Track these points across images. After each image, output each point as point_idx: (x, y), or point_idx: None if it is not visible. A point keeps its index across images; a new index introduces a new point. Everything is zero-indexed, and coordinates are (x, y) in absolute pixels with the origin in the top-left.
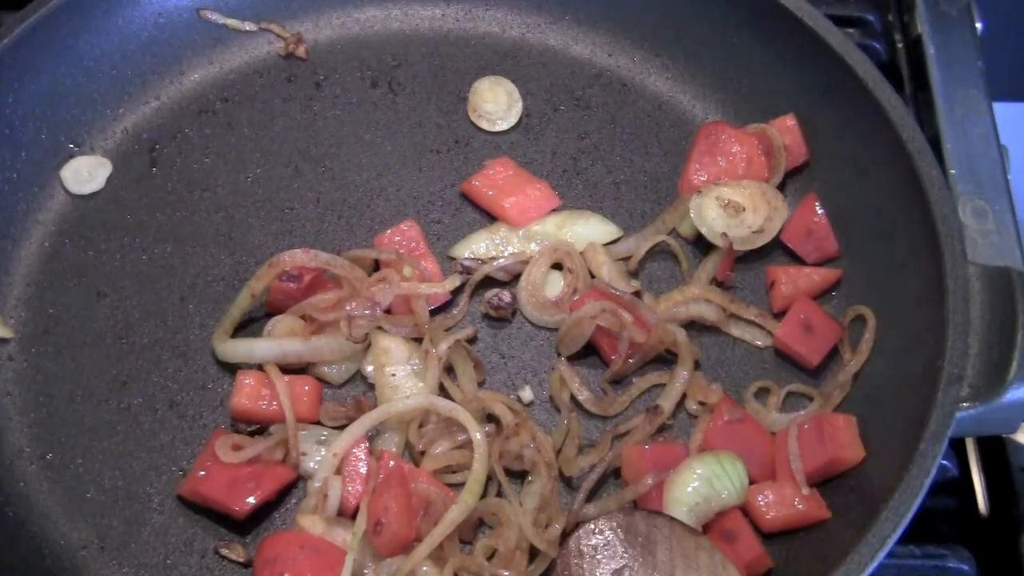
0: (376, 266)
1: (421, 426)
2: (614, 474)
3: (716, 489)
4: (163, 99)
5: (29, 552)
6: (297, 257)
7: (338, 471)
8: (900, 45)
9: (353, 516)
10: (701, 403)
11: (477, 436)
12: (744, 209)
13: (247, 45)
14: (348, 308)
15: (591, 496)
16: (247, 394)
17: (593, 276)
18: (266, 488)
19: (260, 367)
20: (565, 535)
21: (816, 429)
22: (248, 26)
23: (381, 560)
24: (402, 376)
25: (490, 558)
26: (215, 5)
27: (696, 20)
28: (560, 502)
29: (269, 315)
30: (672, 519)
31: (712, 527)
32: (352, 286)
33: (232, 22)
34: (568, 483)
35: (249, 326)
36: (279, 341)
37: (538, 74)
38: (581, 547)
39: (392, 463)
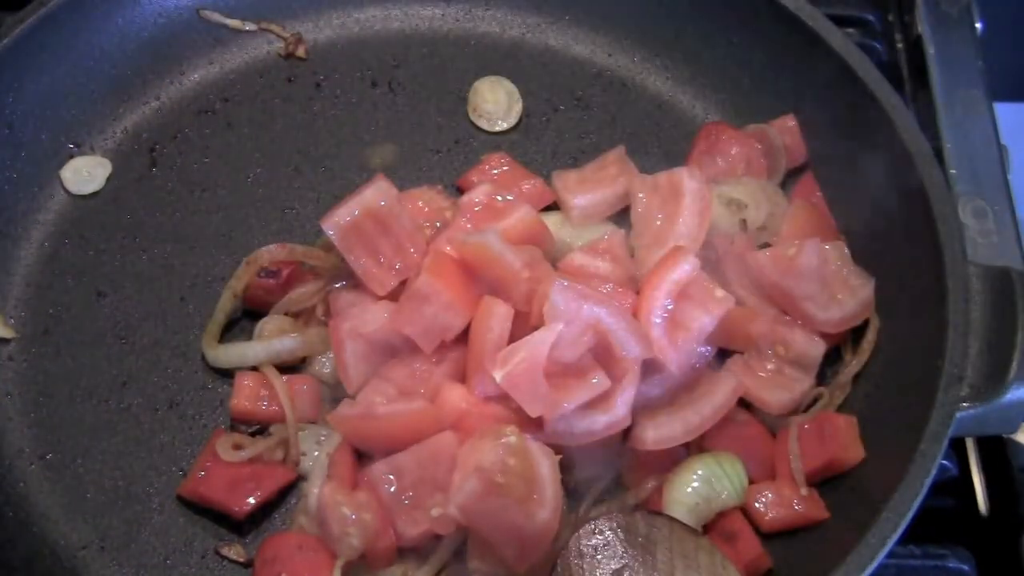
0: None
1: None
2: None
3: (716, 489)
4: (163, 99)
5: (29, 552)
6: (273, 252)
7: None
8: (900, 45)
9: None
10: None
11: None
12: (746, 206)
13: (247, 45)
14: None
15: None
16: (246, 395)
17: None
18: (266, 488)
19: (256, 368)
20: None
21: (816, 429)
22: (248, 26)
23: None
24: None
25: None
26: (215, 5)
27: (696, 20)
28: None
29: (247, 313)
30: (672, 519)
31: (712, 527)
32: (331, 275)
33: (232, 22)
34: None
35: (233, 327)
36: (269, 341)
37: (538, 74)
38: (581, 547)
39: None
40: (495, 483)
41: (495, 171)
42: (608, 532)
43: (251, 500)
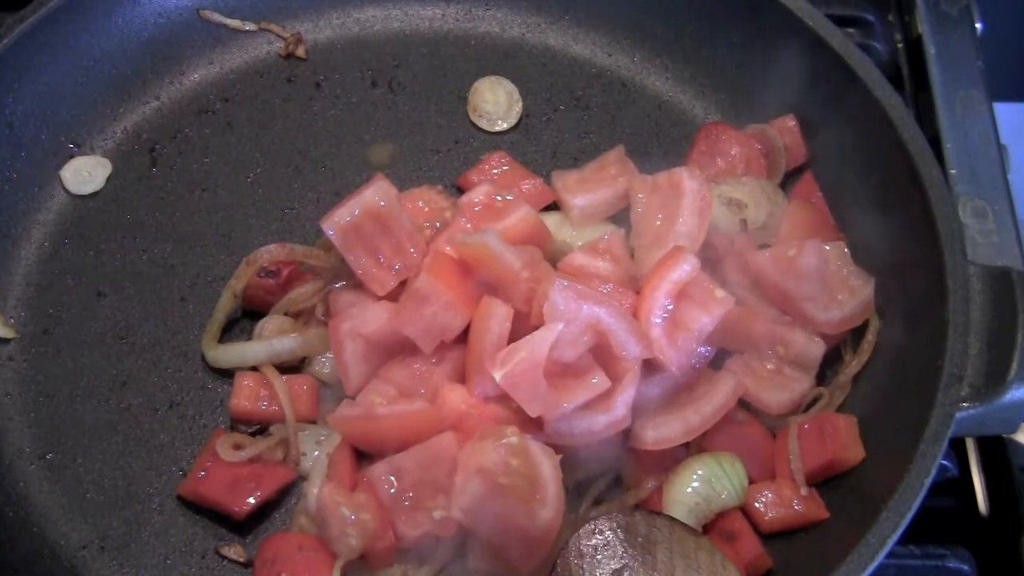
0: None
1: None
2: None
3: (716, 490)
4: (163, 99)
5: (29, 552)
6: (273, 252)
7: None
8: (900, 45)
9: None
10: None
11: None
12: (746, 206)
13: (247, 45)
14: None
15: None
16: (246, 395)
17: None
18: (266, 488)
19: (256, 368)
20: None
21: (816, 429)
22: (248, 26)
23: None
24: None
25: None
26: (215, 5)
27: (696, 20)
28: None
29: (247, 313)
30: (672, 519)
31: (712, 527)
32: (331, 275)
33: (232, 22)
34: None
35: (233, 327)
36: (269, 341)
37: (538, 74)
38: (581, 547)
39: None
40: (498, 484)
41: (495, 171)
42: (608, 532)
43: (251, 500)
